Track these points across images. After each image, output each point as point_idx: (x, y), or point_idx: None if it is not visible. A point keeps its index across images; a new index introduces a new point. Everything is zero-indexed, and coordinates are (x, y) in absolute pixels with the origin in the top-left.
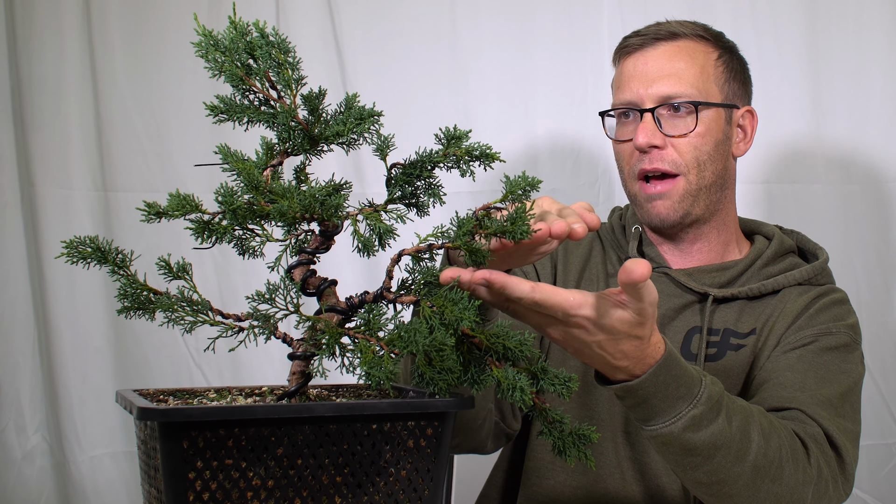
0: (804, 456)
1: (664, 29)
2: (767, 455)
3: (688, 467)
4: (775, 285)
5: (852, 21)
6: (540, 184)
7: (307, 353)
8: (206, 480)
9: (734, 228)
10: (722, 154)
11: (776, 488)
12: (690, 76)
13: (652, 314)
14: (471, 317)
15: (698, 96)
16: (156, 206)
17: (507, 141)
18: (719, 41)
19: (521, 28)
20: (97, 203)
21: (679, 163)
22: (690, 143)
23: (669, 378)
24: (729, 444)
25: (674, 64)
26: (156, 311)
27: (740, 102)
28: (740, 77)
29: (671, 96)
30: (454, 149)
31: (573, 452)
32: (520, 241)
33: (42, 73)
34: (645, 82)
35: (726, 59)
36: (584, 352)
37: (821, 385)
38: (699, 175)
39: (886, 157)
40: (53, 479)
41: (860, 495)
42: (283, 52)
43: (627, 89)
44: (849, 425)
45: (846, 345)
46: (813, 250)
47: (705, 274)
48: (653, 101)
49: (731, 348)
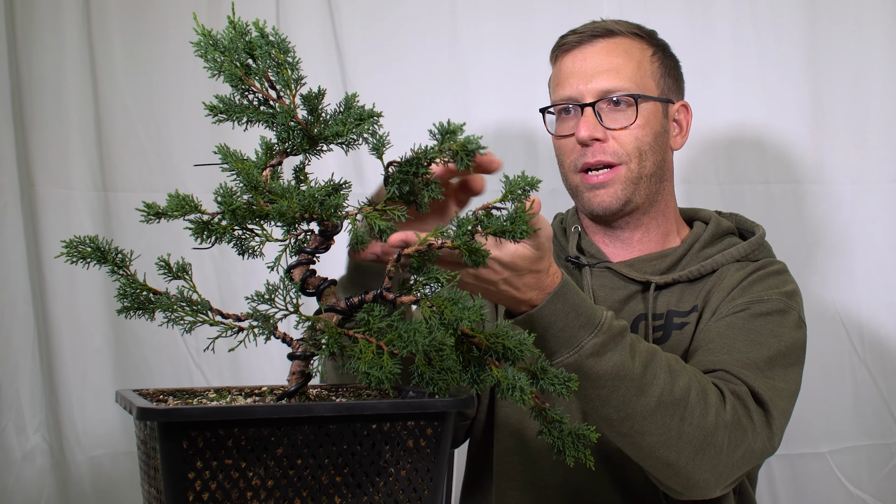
0: (718, 400)
1: (600, 27)
2: (674, 392)
3: (596, 402)
4: (713, 265)
5: (852, 21)
6: (539, 184)
7: (307, 353)
8: (205, 480)
9: (674, 219)
10: (661, 146)
11: (686, 428)
12: (628, 71)
13: (548, 248)
14: (470, 317)
15: (636, 90)
16: (155, 207)
17: (507, 140)
18: (653, 39)
19: (521, 28)
20: (97, 203)
21: (621, 153)
22: (631, 134)
23: (568, 306)
24: (631, 375)
25: (611, 59)
26: (156, 311)
27: (675, 97)
28: (674, 73)
29: (610, 90)
30: (449, 143)
31: (572, 452)
32: (520, 240)
33: (42, 73)
34: (584, 78)
35: (660, 55)
36: (492, 290)
37: (749, 348)
38: (640, 164)
39: (886, 157)
40: (53, 479)
41: (860, 495)
42: (282, 52)
43: (567, 85)
44: (779, 384)
45: (780, 311)
46: (751, 228)
47: (646, 263)
48: (593, 96)
49: (675, 328)
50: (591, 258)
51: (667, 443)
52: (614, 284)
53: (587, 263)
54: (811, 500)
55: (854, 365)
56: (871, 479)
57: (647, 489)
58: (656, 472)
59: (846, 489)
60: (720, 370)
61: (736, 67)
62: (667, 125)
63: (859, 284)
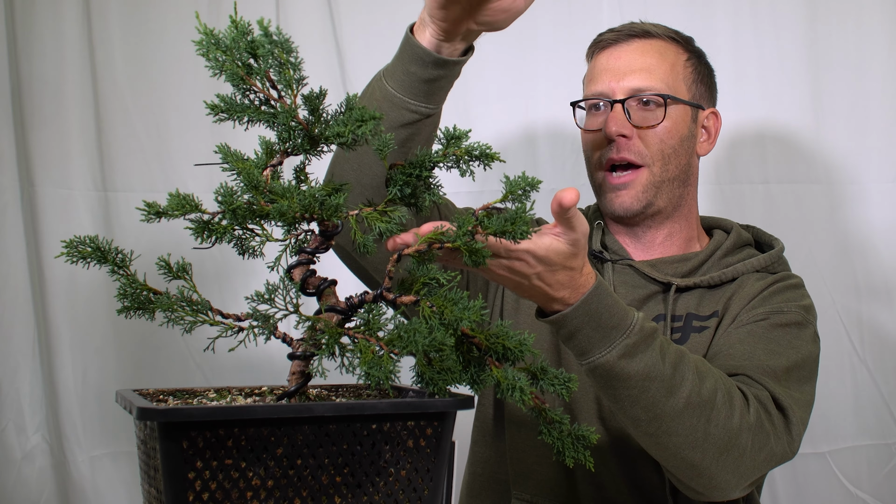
0: (742, 403)
1: (638, 27)
2: (701, 394)
3: (625, 402)
4: (734, 273)
5: (852, 21)
6: (540, 184)
7: (307, 353)
8: (205, 480)
9: (695, 225)
10: (686, 150)
11: (712, 429)
12: (661, 72)
13: (584, 245)
14: (471, 317)
15: (667, 91)
16: (156, 206)
17: (507, 141)
18: (689, 45)
19: (521, 28)
20: (97, 203)
21: (645, 154)
22: (657, 135)
23: (601, 307)
24: (661, 377)
25: (645, 59)
26: (156, 311)
27: (706, 104)
28: (707, 81)
29: (641, 89)
30: (454, 148)
31: (572, 453)
32: (520, 240)
33: (42, 73)
34: (617, 75)
35: (695, 62)
36: (524, 285)
37: (769, 357)
38: (663, 167)
39: (886, 157)
40: (53, 479)
41: (860, 495)
42: (286, 52)
43: (599, 81)
44: (795, 393)
45: (798, 322)
46: (769, 241)
47: (668, 265)
48: (623, 93)
49: (694, 331)
50: (614, 254)
51: (693, 444)
52: (635, 283)
53: (610, 259)
54: (811, 500)
55: (854, 365)
56: (871, 479)
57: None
58: (679, 473)
59: (846, 489)
60: (741, 374)
61: (736, 67)
62: (695, 130)
63: (859, 284)
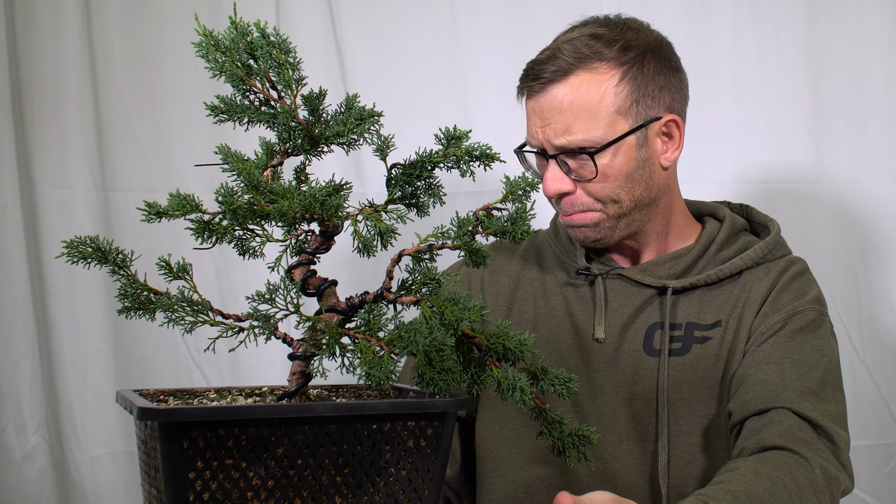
0: (812, 476)
1: (556, 65)
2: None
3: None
4: (732, 269)
5: (852, 21)
6: (540, 184)
7: (307, 354)
8: (206, 480)
9: (681, 221)
10: (641, 178)
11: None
12: (583, 120)
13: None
14: (471, 317)
15: (595, 140)
16: (156, 206)
17: (507, 141)
18: (624, 54)
19: (521, 28)
20: (97, 203)
21: (593, 203)
22: (598, 185)
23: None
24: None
25: (564, 117)
26: (156, 311)
27: (659, 112)
28: (654, 85)
29: (566, 146)
30: (454, 149)
31: (573, 453)
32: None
33: (42, 73)
34: (543, 128)
35: (632, 75)
36: None
37: (800, 375)
38: (619, 205)
39: (886, 157)
40: (53, 480)
41: (860, 495)
42: (283, 53)
43: (531, 132)
44: (833, 408)
45: (814, 321)
46: (764, 222)
47: (659, 266)
48: (552, 150)
49: (696, 341)
50: (602, 266)
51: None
52: (629, 291)
53: (599, 273)
54: None
55: (854, 365)
56: (871, 479)
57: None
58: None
59: None
60: (779, 407)
61: (736, 67)
62: (647, 151)
63: (859, 284)
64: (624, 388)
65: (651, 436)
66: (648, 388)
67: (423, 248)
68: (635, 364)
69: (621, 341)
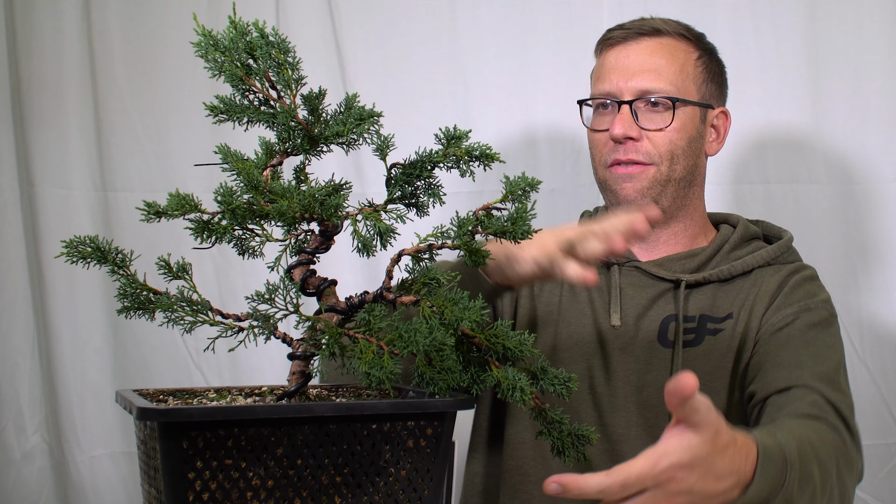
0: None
1: (648, 25)
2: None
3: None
4: (744, 266)
5: (852, 21)
6: (539, 184)
7: (307, 353)
8: (205, 480)
9: (702, 222)
10: (694, 150)
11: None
12: (670, 73)
13: (716, 417)
14: (471, 317)
15: (676, 93)
16: (155, 206)
17: (507, 141)
18: (700, 42)
19: (521, 27)
20: (97, 203)
21: (653, 154)
22: (666, 136)
23: (775, 467)
24: (815, 483)
25: (654, 60)
26: (156, 311)
27: (716, 103)
28: (717, 79)
29: (649, 91)
30: (454, 149)
31: (572, 453)
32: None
33: (42, 73)
34: (625, 75)
35: (706, 60)
36: (695, 497)
37: (815, 362)
38: (671, 167)
39: (886, 157)
40: (53, 479)
41: (860, 495)
42: (282, 53)
43: (607, 80)
44: (847, 400)
45: (825, 319)
46: (777, 234)
47: (675, 262)
48: (631, 94)
49: (708, 333)
50: (620, 257)
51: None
52: (643, 283)
53: (616, 262)
54: None
55: (854, 365)
56: (871, 479)
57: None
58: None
59: None
60: (799, 385)
61: (736, 67)
62: (703, 130)
63: (859, 284)
64: (636, 375)
65: (661, 423)
66: (660, 376)
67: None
68: (650, 353)
69: (637, 331)
